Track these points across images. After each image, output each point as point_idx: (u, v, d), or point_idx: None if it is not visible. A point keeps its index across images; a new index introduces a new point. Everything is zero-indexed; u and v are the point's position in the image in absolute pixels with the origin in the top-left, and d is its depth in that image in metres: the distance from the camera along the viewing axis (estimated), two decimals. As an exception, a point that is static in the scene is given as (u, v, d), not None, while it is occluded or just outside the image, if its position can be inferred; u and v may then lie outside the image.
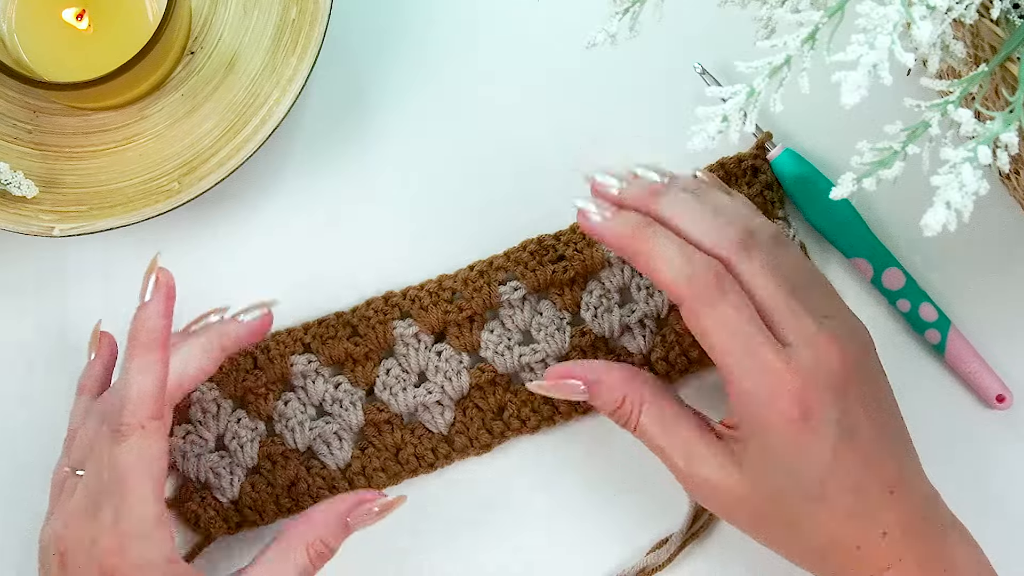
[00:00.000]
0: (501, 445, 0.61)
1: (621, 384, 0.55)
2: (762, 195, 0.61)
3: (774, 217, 0.61)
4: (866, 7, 0.40)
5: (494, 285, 0.61)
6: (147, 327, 0.53)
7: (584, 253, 0.60)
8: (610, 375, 0.55)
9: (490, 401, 0.61)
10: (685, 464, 0.53)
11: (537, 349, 0.61)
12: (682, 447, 0.53)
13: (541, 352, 0.61)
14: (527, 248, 0.61)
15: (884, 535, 0.50)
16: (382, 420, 0.61)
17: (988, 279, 0.62)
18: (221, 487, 0.60)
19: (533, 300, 0.61)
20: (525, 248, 0.61)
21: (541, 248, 0.61)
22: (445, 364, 0.61)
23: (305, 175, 0.63)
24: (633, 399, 0.54)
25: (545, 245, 0.61)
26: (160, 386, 0.53)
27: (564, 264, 0.61)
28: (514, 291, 0.61)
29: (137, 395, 0.52)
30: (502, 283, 0.61)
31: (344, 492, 0.60)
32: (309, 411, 0.61)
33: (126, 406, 0.52)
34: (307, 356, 0.61)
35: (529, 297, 0.61)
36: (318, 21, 0.59)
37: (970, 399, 0.61)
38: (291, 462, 0.60)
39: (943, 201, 0.40)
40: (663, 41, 0.59)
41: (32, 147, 0.60)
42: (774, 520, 0.52)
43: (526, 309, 0.61)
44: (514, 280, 0.61)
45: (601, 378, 0.55)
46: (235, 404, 0.61)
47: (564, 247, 0.61)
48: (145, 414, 0.52)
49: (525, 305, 0.61)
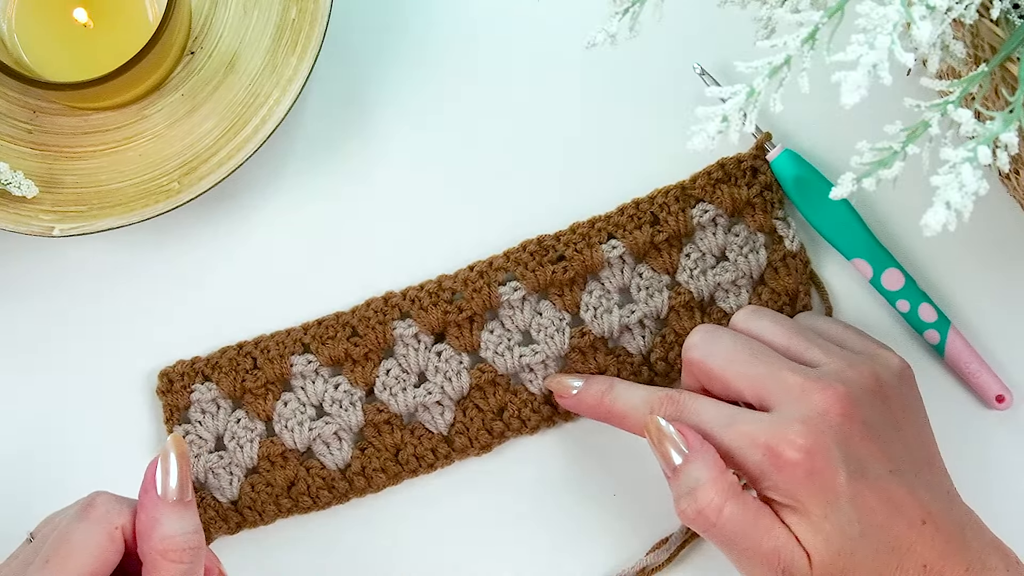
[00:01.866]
0: (500, 446, 0.61)
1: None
2: (761, 195, 0.61)
3: (773, 217, 0.61)
4: (866, 7, 0.40)
5: (494, 286, 0.61)
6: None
7: (584, 253, 0.61)
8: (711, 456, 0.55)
9: (490, 401, 0.61)
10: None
11: (537, 349, 0.61)
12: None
13: (541, 352, 0.61)
14: (527, 248, 0.61)
15: (925, 568, 0.50)
16: (382, 420, 0.60)
17: (988, 279, 0.62)
18: (220, 487, 0.60)
19: (533, 300, 0.61)
20: (525, 248, 0.61)
21: (541, 248, 0.61)
22: (445, 364, 0.61)
23: (305, 175, 0.63)
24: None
25: (545, 245, 0.61)
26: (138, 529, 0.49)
27: (564, 264, 0.61)
28: (514, 291, 0.61)
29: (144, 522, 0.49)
30: (502, 283, 0.61)
31: (345, 493, 0.60)
32: (308, 411, 0.61)
33: (121, 510, 0.49)
34: (306, 356, 0.61)
35: (529, 297, 0.61)
36: (318, 21, 0.59)
37: (970, 399, 0.61)
38: (290, 462, 0.60)
39: (943, 201, 0.40)
40: (663, 41, 0.59)
41: (32, 147, 0.60)
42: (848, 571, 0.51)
43: (526, 309, 0.61)
44: (514, 280, 0.61)
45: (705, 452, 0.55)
46: (234, 404, 0.61)
47: (564, 247, 0.61)
48: (127, 524, 0.49)
49: (525, 305, 0.61)
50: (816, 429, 0.51)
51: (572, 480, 0.61)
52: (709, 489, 0.51)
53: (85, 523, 0.48)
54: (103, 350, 0.62)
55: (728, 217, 0.61)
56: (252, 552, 0.61)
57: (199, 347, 0.62)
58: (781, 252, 0.61)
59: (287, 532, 0.61)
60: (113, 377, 0.62)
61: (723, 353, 0.55)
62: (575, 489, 0.61)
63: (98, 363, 0.62)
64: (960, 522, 0.52)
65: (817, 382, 0.52)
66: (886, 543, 0.50)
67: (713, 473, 0.51)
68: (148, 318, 0.62)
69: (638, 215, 0.61)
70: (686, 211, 0.61)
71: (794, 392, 0.52)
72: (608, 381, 0.58)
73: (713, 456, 0.52)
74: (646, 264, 0.61)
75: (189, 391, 0.60)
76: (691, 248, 0.61)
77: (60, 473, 0.61)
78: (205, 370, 0.61)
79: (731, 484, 0.52)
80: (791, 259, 0.61)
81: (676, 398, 0.55)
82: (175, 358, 0.61)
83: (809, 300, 0.61)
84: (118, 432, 0.61)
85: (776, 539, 0.51)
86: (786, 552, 0.51)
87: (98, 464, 0.61)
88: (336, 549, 0.61)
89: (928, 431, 0.55)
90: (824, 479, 0.50)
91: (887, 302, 0.61)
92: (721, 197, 0.61)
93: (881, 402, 0.53)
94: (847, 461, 0.51)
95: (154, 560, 0.48)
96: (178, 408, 0.60)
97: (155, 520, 0.48)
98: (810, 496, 0.50)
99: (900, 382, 0.54)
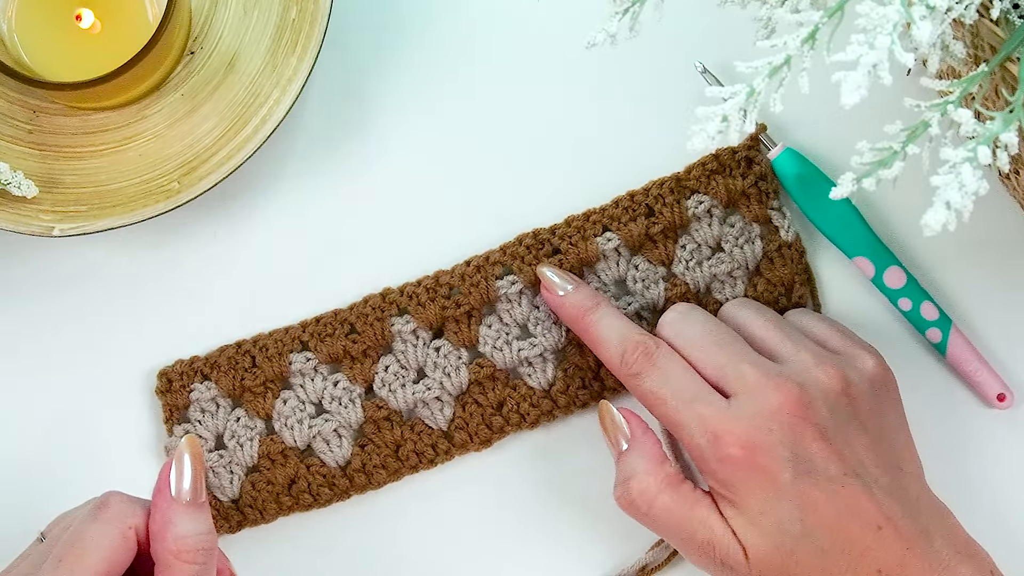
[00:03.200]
0: (500, 441, 0.61)
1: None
2: (756, 186, 0.61)
3: (768, 208, 0.61)
4: (866, 7, 0.40)
5: (491, 280, 0.61)
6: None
7: (579, 246, 0.61)
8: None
9: (489, 396, 0.61)
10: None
11: (535, 343, 0.61)
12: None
13: (539, 346, 0.61)
14: (523, 242, 0.61)
15: (879, 573, 0.50)
16: (381, 417, 0.61)
17: (988, 280, 0.62)
18: (221, 486, 0.60)
19: (530, 294, 0.61)
20: (521, 242, 0.61)
21: (536, 242, 0.61)
22: (444, 360, 0.61)
23: (305, 175, 0.63)
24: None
25: (540, 239, 0.61)
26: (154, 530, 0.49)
27: (559, 258, 0.61)
28: (511, 285, 0.61)
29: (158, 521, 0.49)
30: (499, 278, 0.61)
31: (345, 490, 0.60)
32: (308, 409, 0.61)
33: (134, 509, 0.49)
34: (305, 354, 0.61)
35: (526, 291, 0.61)
36: (318, 21, 0.59)
37: (971, 398, 0.61)
38: (290, 460, 0.60)
39: (943, 201, 0.40)
40: (663, 41, 0.59)
41: (32, 147, 0.60)
42: (788, 567, 0.51)
43: (523, 303, 0.61)
44: (511, 274, 0.61)
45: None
46: (233, 403, 0.61)
47: (559, 241, 0.61)
48: (140, 524, 0.49)
49: (522, 299, 0.61)
50: (764, 427, 0.51)
51: (572, 478, 0.61)
52: (644, 479, 0.53)
53: (99, 523, 0.48)
54: (103, 350, 0.62)
55: (723, 208, 0.61)
56: (254, 551, 0.61)
57: (199, 346, 0.62)
58: (776, 242, 0.61)
59: (288, 530, 0.61)
60: (113, 376, 0.62)
61: (692, 335, 0.55)
62: (575, 487, 0.61)
63: (98, 363, 0.62)
64: (926, 529, 0.51)
65: (774, 379, 0.52)
66: (835, 544, 0.50)
67: (649, 464, 0.54)
68: (148, 318, 0.62)
69: (633, 207, 0.61)
70: (681, 202, 0.61)
71: (750, 386, 0.52)
72: (596, 298, 0.58)
73: (651, 446, 0.54)
74: (642, 256, 0.61)
75: (188, 390, 0.60)
76: (687, 239, 0.61)
77: (59, 472, 0.61)
78: (204, 369, 0.61)
79: (667, 475, 0.53)
80: (786, 249, 0.61)
81: (652, 352, 0.55)
82: (175, 357, 0.61)
83: (806, 291, 0.61)
84: (117, 431, 0.61)
85: (711, 531, 0.52)
86: (721, 544, 0.52)
87: (97, 463, 0.61)
88: (337, 547, 0.61)
89: (902, 435, 0.54)
90: (765, 475, 0.51)
91: (889, 301, 0.61)
92: (716, 188, 0.61)
93: (846, 404, 0.53)
94: (795, 460, 0.51)
95: (168, 561, 0.48)
96: (177, 407, 0.60)
97: (169, 521, 0.48)
98: (748, 491, 0.51)
99: (871, 385, 0.54)
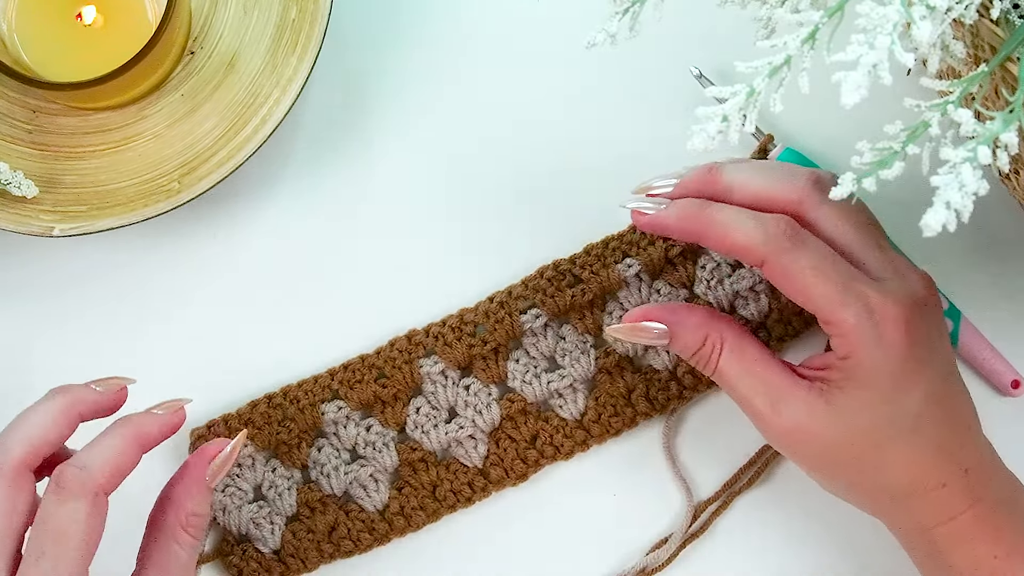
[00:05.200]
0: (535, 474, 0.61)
1: (702, 324, 0.54)
2: None
3: None
4: (866, 7, 0.40)
5: (515, 314, 0.60)
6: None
7: (600, 275, 0.60)
8: (691, 316, 0.54)
9: (522, 431, 0.60)
10: (770, 409, 0.51)
11: (564, 374, 0.60)
12: (765, 391, 0.51)
13: (569, 376, 0.60)
14: (544, 275, 0.61)
15: (966, 472, 0.50)
16: (416, 459, 0.60)
17: (988, 280, 0.62)
18: (263, 537, 0.60)
19: (555, 326, 0.61)
20: (542, 275, 0.61)
21: (557, 273, 0.61)
22: (474, 398, 0.60)
23: (305, 175, 0.63)
24: (714, 340, 0.53)
25: (561, 270, 0.61)
26: (119, 466, 0.50)
27: (582, 287, 0.60)
28: (535, 319, 0.60)
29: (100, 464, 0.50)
30: (522, 312, 0.60)
31: (359, 529, 0.60)
32: (343, 456, 0.60)
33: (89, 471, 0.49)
34: (336, 403, 0.60)
35: (551, 323, 0.61)
36: (318, 21, 0.59)
37: (984, 388, 0.61)
38: (329, 508, 0.60)
39: (943, 201, 0.40)
40: (663, 41, 0.59)
41: (32, 147, 0.60)
42: (859, 462, 0.50)
43: (549, 335, 0.61)
44: (534, 308, 0.60)
45: (681, 319, 0.54)
46: (269, 455, 0.61)
47: (580, 270, 0.60)
48: (96, 483, 0.49)
49: (547, 332, 0.61)
50: (918, 312, 0.50)
51: (572, 480, 0.61)
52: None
53: (50, 402, 0.52)
54: (102, 350, 0.62)
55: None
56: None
57: (198, 346, 0.62)
58: None
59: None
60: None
61: (813, 256, 0.51)
62: (575, 489, 0.61)
63: (97, 363, 0.62)
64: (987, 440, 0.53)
65: (914, 269, 0.52)
66: (932, 439, 0.50)
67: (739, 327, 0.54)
68: (148, 318, 0.62)
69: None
70: None
71: (901, 270, 0.51)
72: (702, 199, 0.53)
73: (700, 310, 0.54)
74: (663, 280, 0.61)
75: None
76: (706, 259, 0.60)
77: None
78: (237, 427, 0.60)
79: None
80: None
81: (798, 228, 0.51)
82: (174, 357, 0.61)
83: None
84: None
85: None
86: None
87: (98, 464, 0.61)
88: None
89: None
90: (917, 362, 0.50)
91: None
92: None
93: (939, 307, 0.53)
94: (934, 351, 0.50)
95: (174, 530, 0.51)
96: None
97: (191, 495, 0.52)
98: (888, 374, 0.49)
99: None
